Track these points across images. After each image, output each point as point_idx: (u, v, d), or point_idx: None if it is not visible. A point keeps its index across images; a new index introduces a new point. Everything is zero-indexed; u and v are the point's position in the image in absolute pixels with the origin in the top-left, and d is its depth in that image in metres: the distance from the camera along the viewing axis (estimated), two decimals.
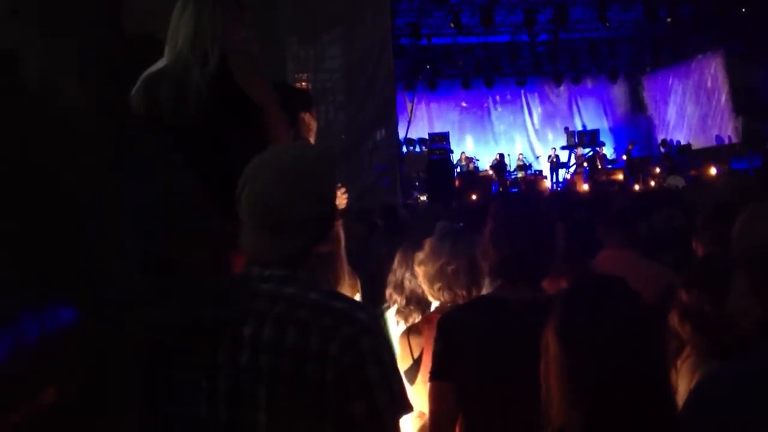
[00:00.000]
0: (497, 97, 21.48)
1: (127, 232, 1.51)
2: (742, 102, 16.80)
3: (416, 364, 2.55)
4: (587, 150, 18.34)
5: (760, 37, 15.25)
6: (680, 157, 17.36)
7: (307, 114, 3.24)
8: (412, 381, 2.51)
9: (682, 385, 1.97)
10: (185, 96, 2.54)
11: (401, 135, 12.29)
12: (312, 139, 3.24)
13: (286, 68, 7.91)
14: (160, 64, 2.64)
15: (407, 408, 1.61)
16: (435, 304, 2.67)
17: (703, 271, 2.17)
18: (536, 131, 21.75)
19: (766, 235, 1.63)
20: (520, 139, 21.47)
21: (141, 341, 1.47)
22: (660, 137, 19.98)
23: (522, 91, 21.45)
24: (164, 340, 1.56)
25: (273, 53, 7.42)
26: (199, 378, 1.62)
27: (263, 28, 6.54)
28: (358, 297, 2.70)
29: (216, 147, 2.56)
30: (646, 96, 21.69)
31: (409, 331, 2.65)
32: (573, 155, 18.76)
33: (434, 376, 2.19)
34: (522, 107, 21.75)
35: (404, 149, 15.42)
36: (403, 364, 2.48)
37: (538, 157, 20.57)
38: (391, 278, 2.88)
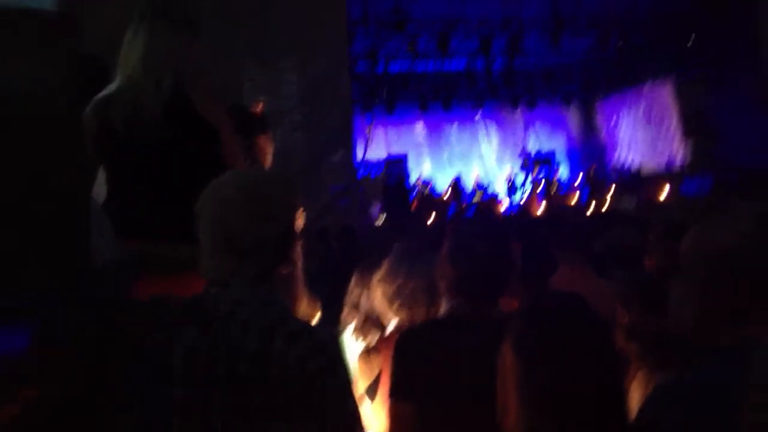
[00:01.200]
0: (454, 121, 21.66)
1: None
2: (691, 125, 17.18)
3: (375, 383, 2.55)
4: (542, 173, 18.57)
5: (708, 63, 15.65)
6: (632, 179, 17.67)
7: (263, 137, 3.24)
8: (371, 400, 2.51)
9: (634, 399, 2.00)
10: (138, 119, 2.52)
11: (359, 158, 12.33)
12: (268, 163, 3.24)
13: (242, 92, 7.89)
14: (113, 86, 2.62)
15: (360, 430, 1.61)
16: (393, 323, 2.68)
17: (641, 289, 2.22)
18: (492, 154, 21.97)
19: (710, 247, 1.67)
20: (476, 162, 21.65)
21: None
22: (612, 160, 20.33)
23: (478, 115, 21.68)
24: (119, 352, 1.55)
25: (230, 77, 7.41)
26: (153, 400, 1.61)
27: (220, 51, 6.54)
28: (317, 318, 2.71)
29: (170, 169, 2.54)
30: (599, 120, 22.08)
31: (367, 352, 2.65)
32: (529, 178, 18.98)
33: (392, 396, 2.19)
34: (478, 131, 21.96)
35: (361, 172, 15.46)
36: (361, 384, 2.48)
37: (494, 180, 20.76)
38: (348, 299, 2.88)
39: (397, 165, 16.48)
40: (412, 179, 18.14)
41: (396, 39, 15.56)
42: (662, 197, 14.43)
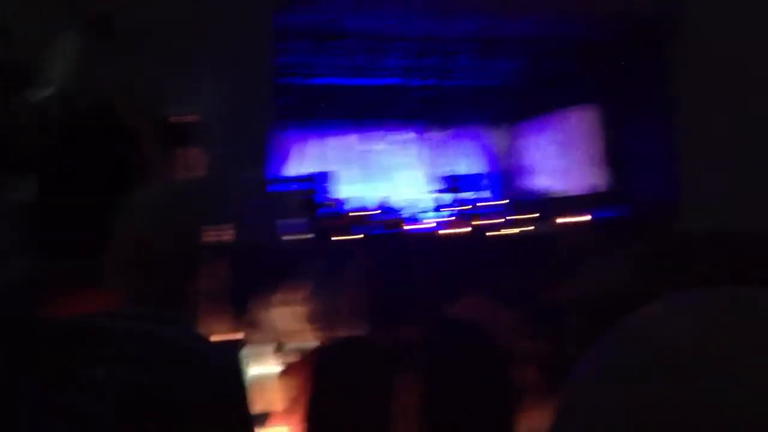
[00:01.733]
0: (382, 139, 21.76)
1: None
2: (605, 155, 17.70)
3: (291, 405, 2.55)
4: (465, 194, 18.82)
5: (629, 92, 16.17)
6: (551, 204, 18.07)
7: (186, 150, 3.23)
8: (284, 423, 2.51)
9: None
10: (56, 128, 2.50)
11: (277, 173, 12.26)
12: (189, 175, 3.22)
13: (163, 103, 7.78)
14: (36, 93, 2.59)
15: None
16: (306, 345, 2.69)
17: (536, 318, 2.30)
18: (412, 173, 22.14)
19: (595, 288, 1.76)
20: (402, 181, 21.78)
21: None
22: (532, 184, 20.75)
23: (406, 134, 21.84)
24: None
25: (152, 88, 7.30)
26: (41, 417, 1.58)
27: (142, 62, 6.43)
28: (226, 336, 2.70)
29: (89, 181, 2.52)
30: (522, 144, 22.50)
31: (283, 373, 2.66)
32: (451, 198, 19.20)
33: (307, 418, 2.20)
34: (405, 150, 22.12)
35: (275, 188, 15.38)
36: (273, 406, 2.48)
37: (417, 199, 20.91)
38: (257, 317, 2.89)
39: (310, 181, 16.44)
40: (328, 196, 18.12)
41: (326, 55, 15.58)
42: (577, 223, 14.79)
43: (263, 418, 2.40)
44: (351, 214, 18.15)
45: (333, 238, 13.54)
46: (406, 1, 13.28)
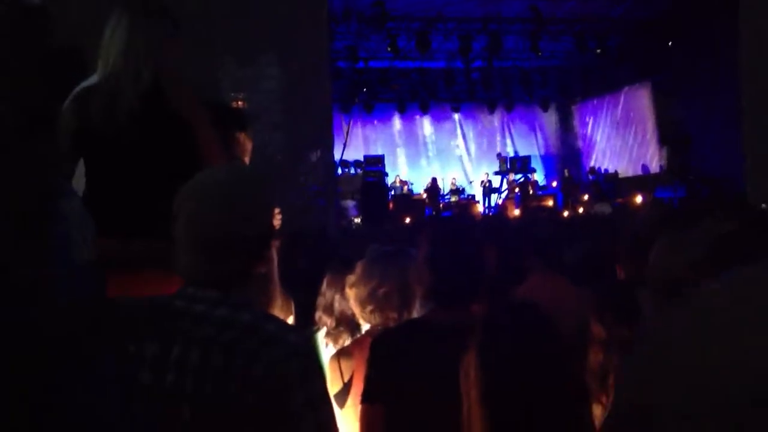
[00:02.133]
0: (432, 122, 21.72)
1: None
2: (667, 133, 17.34)
3: (346, 387, 2.53)
4: (519, 176, 18.66)
5: (684, 71, 15.81)
6: (607, 185, 17.82)
7: (242, 134, 3.22)
8: (341, 405, 2.50)
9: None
10: (116, 111, 2.51)
11: (337, 157, 12.29)
12: (247, 159, 3.22)
13: (221, 88, 7.85)
14: (92, 79, 2.61)
15: None
16: (365, 326, 2.67)
17: (612, 301, 2.23)
18: (469, 156, 22.05)
19: (670, 267, 1.70)
20: (453, 164, 21.72)
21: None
22: (589, 165, 20.48)
23: (456, 117, 21.75)
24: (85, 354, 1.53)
25: (209, 73, 7.37)
26: (123, 399, 1.59)
27: (199, 47, 6.50)
28: (291, 319, 2.70)
29: (147, 163, 2.53)
30: (576, 124, 22.22)
31: (340, 354, 2.64)
32: (505, 181, 19.07)
33: (365, 399, 2.19)
34: (456, 132, 22.03)
35: (339, 171, 15.44)
36: (333, 387, 2.47)
37: (471, 182, 20.83)
38: (321, 300, 2.87)
39: (374, 164, 16.47)
40: (390, 179, 18.14)
41: (375, 38, 15.57)
42: (636, 204, 14.56)
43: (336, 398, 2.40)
44: (421, 196, 18.19)
45: (402, 219, 13.56)
46: None
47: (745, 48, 12.81)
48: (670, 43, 15.78)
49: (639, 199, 15.07)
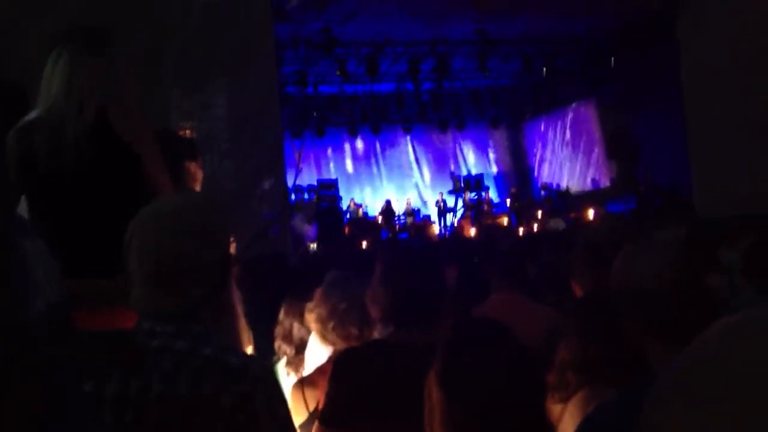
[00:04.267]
0: (384, 144, 21.79)
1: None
2: (615, 147, 17.65)
3: (312, 416, 2.49)
4: (473, 195, 18.79)
5: (628, 86, 16.14)
6: (560, 200, 18.03)
7: (192, 163, 3.18)
8: None
9: (571, 423, 2.01)
10: (60, 146, 2.44)
11: (290, 183, 12.26)
12: (197, 189, 3.17)
13: (169, 117, 7.76)
14: (34, 114, 2.54)
15: None
16: (327, 354, 2.64)
17: (577, 317, 2.24)
18: (423, 177, 22.15)
19: (636, 278, 1.72)
20: (407, 185, 21.79)
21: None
22: (540, 182, 20.72)
23: (408, 138, 21.85)
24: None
25: (156, 102, 7.28)
26: None
27: (146, 76, 6.42)
28: (250, 349, 2.65)
29: (93, 197, 2.47)
30: (526, 142, 22.50)
31: (303, 383, 2.60)
32: (460, 200, 19.17)
33: (324, 422, 2.15)
34: (408, 154, 22.13)
35: (293, 197, 15.38)
36: (297, 417, 2.42)
37: (425, 203, 20.92)
38: (279, 329, 2.84)
39: (328, 189, 16.47)
40: (344, 203, 18.13)
41: (324, 62, 15.60)
42: (589, 218, 14.74)
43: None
44: (376, 219, 18.19)
45: (359, 243, 13.53)
46: (399, 6, 13.26)
47: (685, 61, 13.15)
48: (614, 60, 16.12)
49: (591, 213, 15.27)
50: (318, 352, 2.69)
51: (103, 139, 2.47)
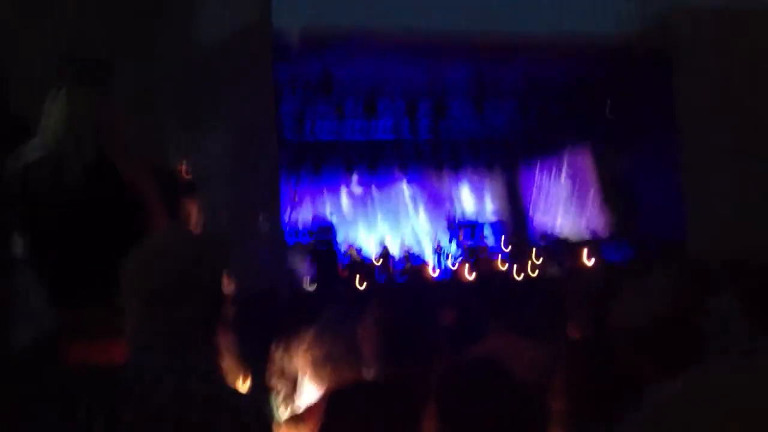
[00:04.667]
0: (381, 185, 21.82)
1: None
2: (609, 193, 17.72)
3: None
4: (470, 239, 18.79)
5: (623, 130, 16.26)
6: (556, 247, 18.03)
7: (189, 200, 3.18)
8: None
9: None
10: (60, 185, 2.44)
11: (286, 223, 12.27)
12: (194, 225, 3.17)
13: (167, 153, 7.79)
14: (33, 148, 2.54)
15: None
16: (320, 392, 2.62)
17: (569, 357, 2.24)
18: (420, 221, 22.15)
19: (632, 320, 1.74)
20: (404, 227, 21.77)
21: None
22: (537, 228, 20.73)
23: (405, 180, 21.90)
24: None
25: (154, 138, 7.32)
26: None
27: (145, 112, 6.47)
28: (247, 385, 2.64)
29: (90, 231, 2.46)
30: (523, 187, 22.57)
31: (293, 421, 2.58)
32: (456, 245, 19.15)
33: None
34: (405, 196, 22.16)
35: (289, 238, 15.38)
36: None
37: (422, 245, 20.89)
38: (273, 367, 2.82)
39: (325, 230, 16.48)
40: (341, 244, 18.11)
41: (322, 102, 15.73)
42: (585, 264, 14.74)
43: None
44: (370, 262, 18.16)
45: (354, 287, 13.53)
46: (398, 48, 13.45)
47: (680, 107, 13.30)
48: (608, 105, 16.26)
49: (587, 260, 15.27)
50: (311, 390, 2.67)
51: (102, 176, 2.47)
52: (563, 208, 20.35)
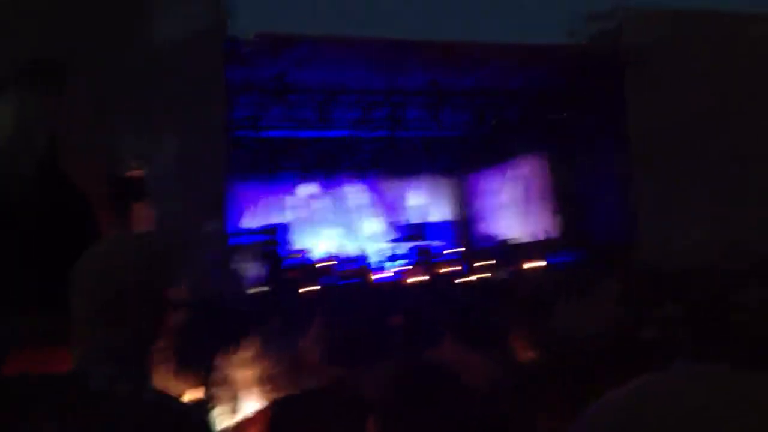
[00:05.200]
0: (334, 190, 21.83)
1: None
2: (560, 200, 17.96)
3: None
4: (420, 243, 18.87)
5: (576, 140, 16.50)
6: (504, 251, 18.19)
7: (140, 204, 3.16)
8: None
9: None
10: (7, 189, 2.41)
11: (235, 226, 12.19)
12: (144, 229, 3.16)
13: (118, 157, 7.69)
14: None
15: None
16: (260, 401, 2.62)
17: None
18: (371, 224, 22.20)
19: (572, 332, 1.76)
20: (355, 231, 21.80)
21: None
22: (486, 232, 20.92)
23: (359, 184, 21.94)
24: None
25: (105, 141, 7.22)
26: None
27: (96, 115, 6.37)
28: (191, 394, 2.63)
29: (35, 236, 2.43)
30: (473, 192, 22.76)
31: (235, 430, 2.59)
32: (406, 248, 19.22)
33: None
34: (358, 200, 22.20)
35: (236, 240, 15.26)
36: None
37: (373, 250, 20.93)
38: (216, 375, 2.81)
39: (270, 234, 16.41)
40: (289, 248, 18.03)
41: (277, 108, 15.66)
42: (531, 269, 14.89)
43: None
44: (316, 264, 18.09)
45: (300, 289, 13.43)
46: (354, 55, 13.47)
47: (632, 118, 13.54)
48: (563, 114, 16.49)
49: (534, 264, 15.43)
50: (254, 400, 2.67)
51: (48, 179, 2.44)
52: (511, 213, 20.57)
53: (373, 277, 17.36)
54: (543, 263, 15.23)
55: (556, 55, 14.93)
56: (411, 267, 18.10)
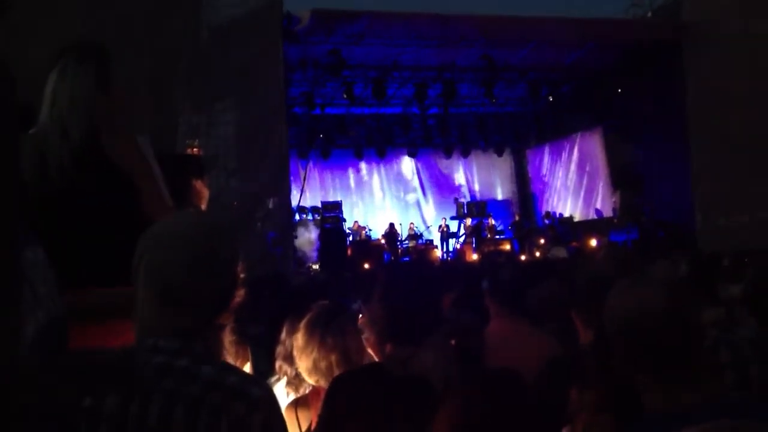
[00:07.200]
0: (389, 167, 21.84)
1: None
2: (619, 177, 17.67)
3: None
4: (476, 220, 18.80)
5: (633, 115, 16.18)
6: (562, 228, 18.02)
7: (199, 181, 3.18)
8: None
9: None
10: (46, 166, 2.41)
11: (294, 203, 12.30)
12: (203, 207, 3.18)
13: (177, 134, 7.81)
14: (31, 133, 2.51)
15: None
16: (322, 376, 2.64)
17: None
18: (426, 201, 22.18)
19: (625, 310, 1.73)
20: (411, 209, 21.81)
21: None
22: (544, 209, 20.72)
23: (413, 162, 21.91)
24: (44, 416, 1.48)
25: (166, 119, 7.34)
26: None
27: (156, 94, 6.48)
28: (248, 366, 2.66)
29: (82, 217, 2.43)
30: (531, 169, 22.53)
31: (297, 404, 2.61)
32: (462, 225, 19.18)
33: None
34: (413, 177, 22.18)
35: (297, 217, 15.39)
36: None
37: (429, 227, 20.92)
38: (280, 349, 2.83)
39: (332, 210, 16.50)
40: (348, 225, 18.14)
41: (332, 84, 15.69)
42: (591, 247, 14.73)
43: None
44: (379, 241, 18.18)
45: (361, 265, 13.50)
46: (407, 31, 13.39)
47: (691, 94, 13.21)
48: (619, 90, 16.18)
49: (594, 242, 15.25)
50: (313, 375, 2.69)
51: (89, 160, 2.41)
52: (571, 189, 20.32)
53: (431, 253, 17.37)
54: (602, 240, 15.06)
55: (613, 29, 14.64)
56: (467, 244, 18.07)
